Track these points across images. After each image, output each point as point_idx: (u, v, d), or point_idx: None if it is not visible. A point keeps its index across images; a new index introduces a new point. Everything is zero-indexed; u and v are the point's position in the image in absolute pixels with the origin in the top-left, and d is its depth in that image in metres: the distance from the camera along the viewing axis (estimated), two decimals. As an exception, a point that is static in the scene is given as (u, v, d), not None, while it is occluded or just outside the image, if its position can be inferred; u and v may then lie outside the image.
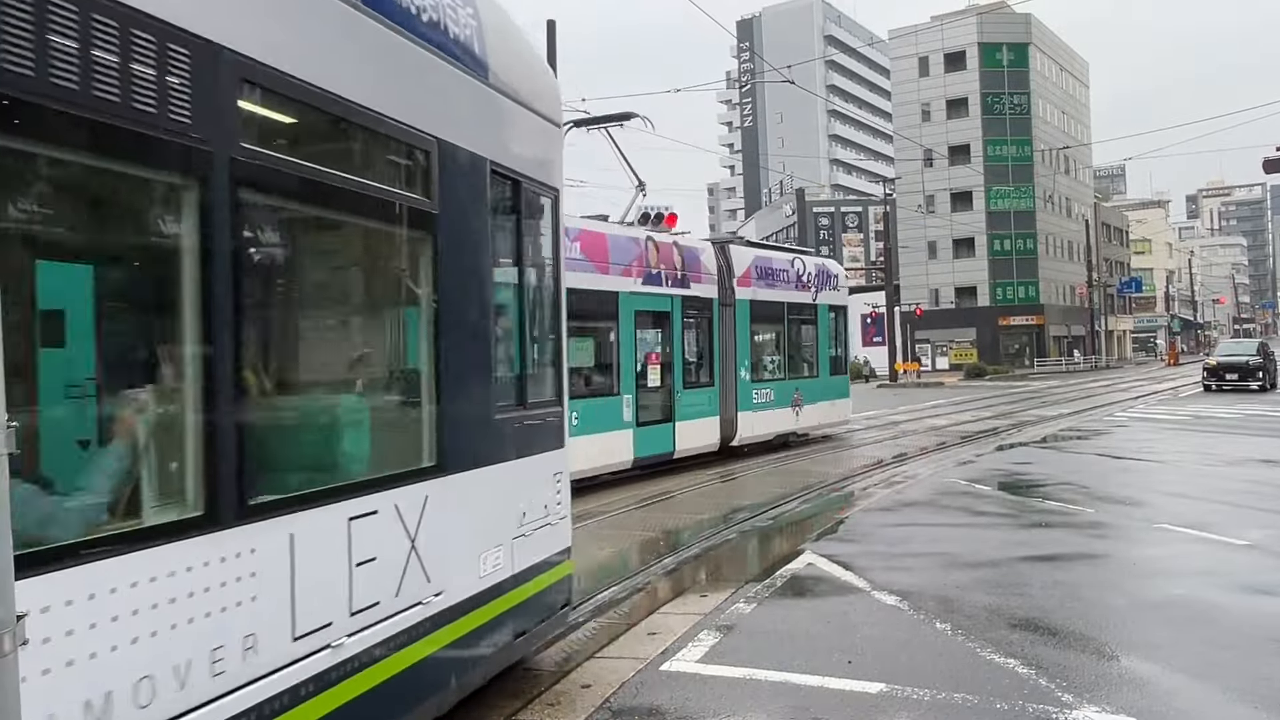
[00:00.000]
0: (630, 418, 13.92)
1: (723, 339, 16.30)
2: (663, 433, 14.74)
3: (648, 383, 14.49)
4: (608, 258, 13.70)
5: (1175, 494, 11.00)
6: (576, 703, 4.76)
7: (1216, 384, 30.21)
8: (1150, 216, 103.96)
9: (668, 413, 14.86)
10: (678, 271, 15.26)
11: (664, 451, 14.77)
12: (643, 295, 14.31)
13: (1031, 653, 5.26)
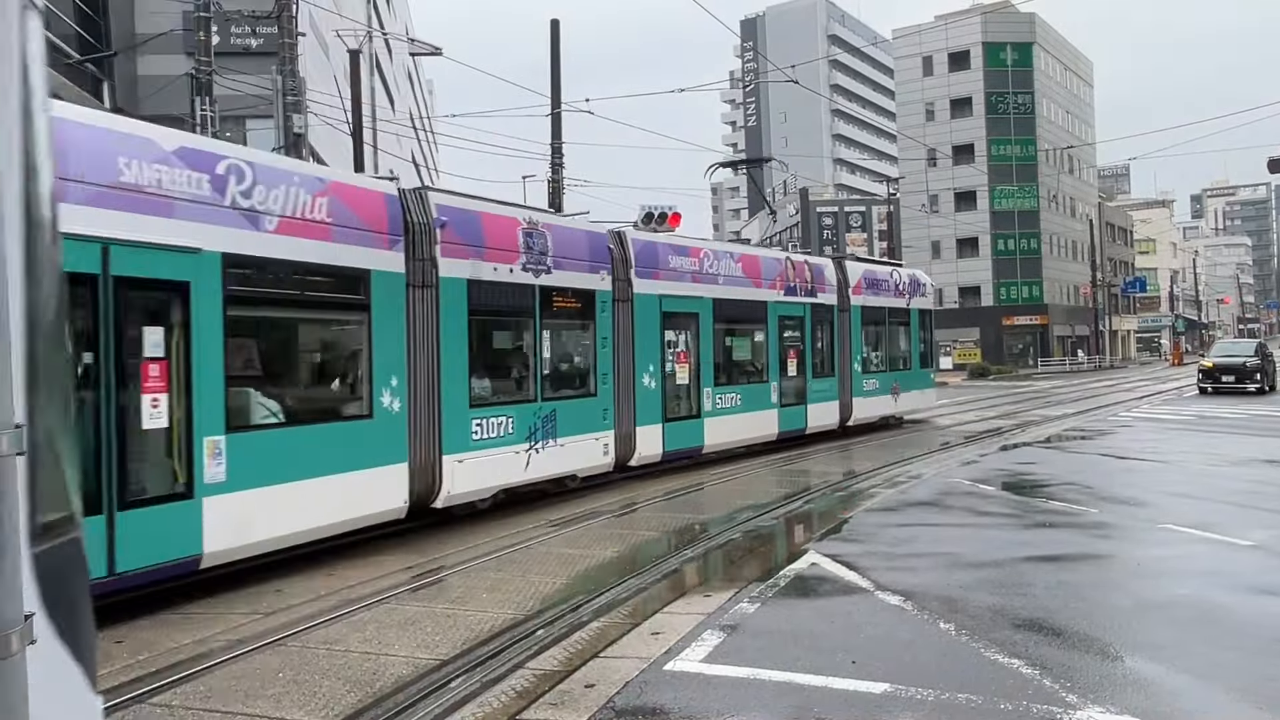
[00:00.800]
0: (776, 400, 17.02)
1: (841, 338, 19.26)
2: (799, 413, 17.78)
3: (788, 373, 17.42)
4: (760, 274, 16.87)
5: (1179, 494, 10.99)
6: (580, 702, 4.77)
7: (1212, 386, 29.29)
8: (1155, 216, 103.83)
9: (801, 397, 17.80)
10: (808, 284, 18.30)
11: (799, 428, 17.81)
12: (784, 303, 17.39)
13: (1036, 653, 5.25)
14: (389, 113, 48.72)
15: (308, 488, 8.46)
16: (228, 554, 7.78)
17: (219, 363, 7.66)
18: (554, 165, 27.12)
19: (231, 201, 7.88)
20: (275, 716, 4.89)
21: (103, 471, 6.71)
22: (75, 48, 25.12)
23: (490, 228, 11.14)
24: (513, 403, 11.33)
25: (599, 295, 12.91)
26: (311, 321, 9.49)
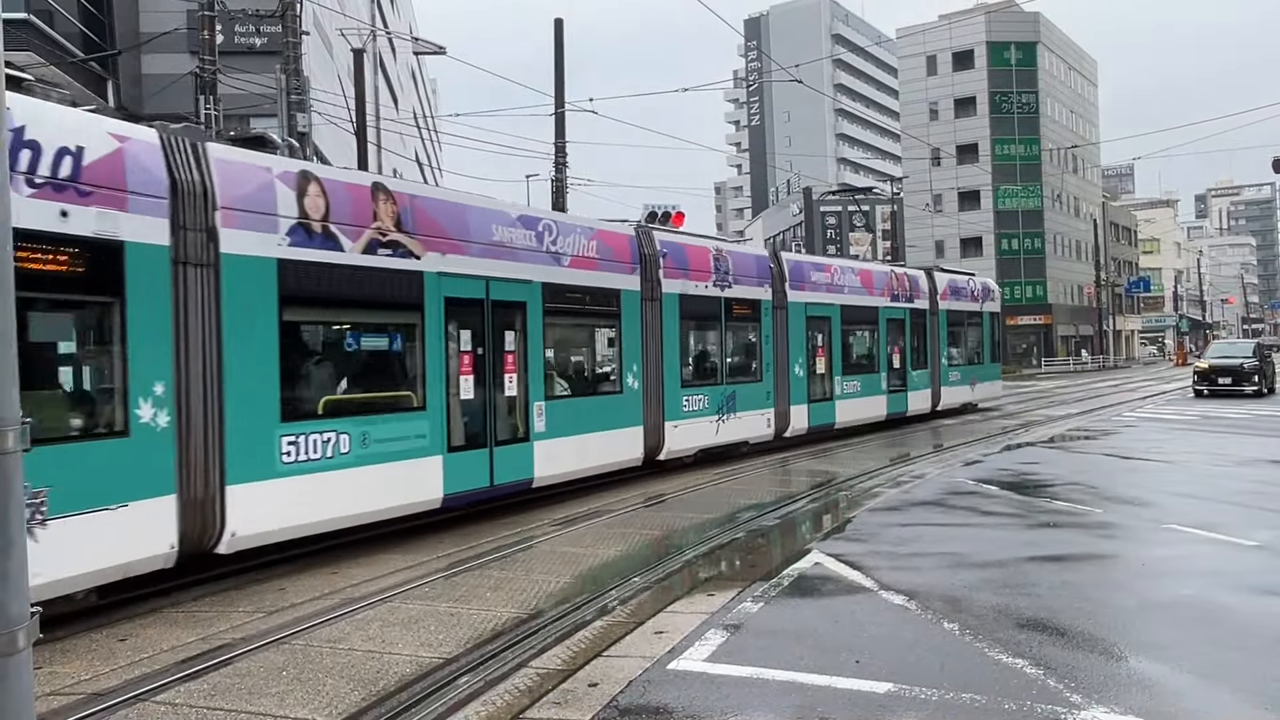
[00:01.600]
0: (884, 388, 20.51)
1: (932, 337, 22.62)
2: (902, 398, 21.29)
3: (893, 365, 20.86)
4: (873, 285, 20.26)
5: (1183, 494, 10.97)
6: (584, 701, 4.77)
7: (1208, 388, 27.86)
8: (1159, 216, 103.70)
9: (903, 385, 21.29)
10: (907, 292, 21.64)
11: (902, 410, 21.26)
12: (890, 308, 20.85)
13: (1040, 653, 5.25)
14: (393, 111, 48.74)
15: (586, 439, 12.25)
16: (543, 480, 11.56)
17: (540, 354, 11.57)
18: (557, 164, 27.12)
19: (545, 248, 11.76)
20: (279, 714, 4.90)
21: (486, 422, 10.74)
22: (80, 46, 25.16)
23: (692, 255, 14.84)
24: (707, 385, 15.06)
25: (763, 304, 16.50)
26: (586, 325, 13.23)
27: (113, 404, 7.15)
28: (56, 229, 6.69)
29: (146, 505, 7.17)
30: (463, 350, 10.53)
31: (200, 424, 7.66)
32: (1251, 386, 27.69)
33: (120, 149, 7.22)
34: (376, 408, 9.51)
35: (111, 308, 7.15)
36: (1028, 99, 69.84)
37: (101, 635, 6.55)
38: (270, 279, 8.36)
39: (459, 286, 10.34)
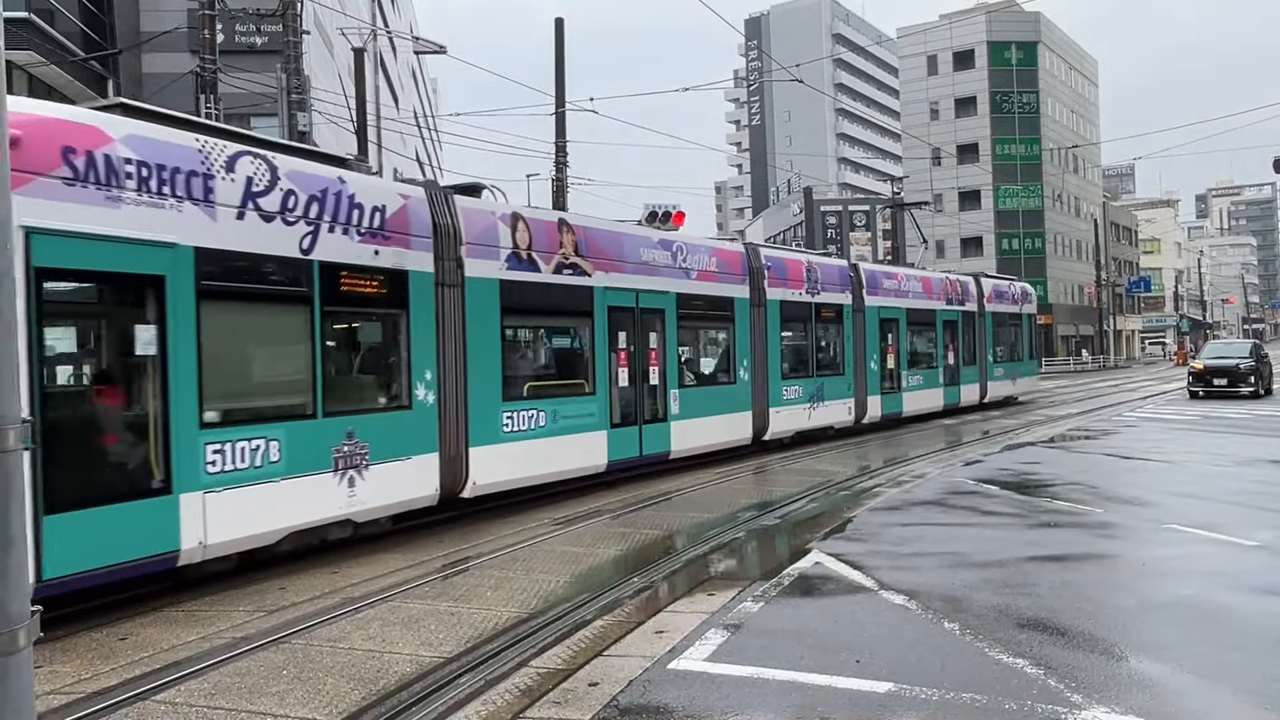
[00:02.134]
0: (941, 382, 23.36)
1: (980, 336, 25.39)
2: (955, 391, 24.07)
3: (948, 362, 23.67)
4: (931, 290, 23.17)
5: (1184, 494, 10.97)
6: (584, 700, 4.77)
7: (1204, 389, 27.07)
8: (1159, 216, 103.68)
9: (956, 380, 24.07)
10: (959, 296, 24.49)
11: (955, 402, 24.07)
12: (946, 311, 23.66)
13: (1040, 653, 5.25)
14: (393, 111, 48.71)
15: (709, 421, 14.92)
16: (677, 453, 14.24)
17: (675, 351, 14.28)
18: (558, 164, 27.11)
19: (678, 265, 14.41)
20: (279, 714, 4.90)
21: (637, 405, 13.37)
22: (80, 45, 25.16)
23: (789, 267, 17.61)
24: (801, 378, 17.70)
25: (845, 308, 19.10)
26: (708, 327, 15.87)
27: (403, 386, 9.84)
28: (371, 263, 9.37)
29: (421, 459, 9.90)
30: (620, 348, 13.18)
31: (453, 402, 10.39)
32: (1248, 388, 27.01)
33: (405, 205, 9.89)
34: (562, 392, 12.39)
35: (400, 317, 9.82)
36: (1028, 99, 69.84)
37: (102, 634, 6.55)
38: (494, 294, 11.06)
39: (617, 298, 13.10)
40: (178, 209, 7.53)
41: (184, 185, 7.59)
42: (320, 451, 8.67)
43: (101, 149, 7.06)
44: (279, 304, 8.72)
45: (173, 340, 7.38)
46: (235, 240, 7.98)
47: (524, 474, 11.37)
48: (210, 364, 7.67)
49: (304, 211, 8.68)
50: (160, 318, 7.34)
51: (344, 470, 8.87)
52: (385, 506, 9.41)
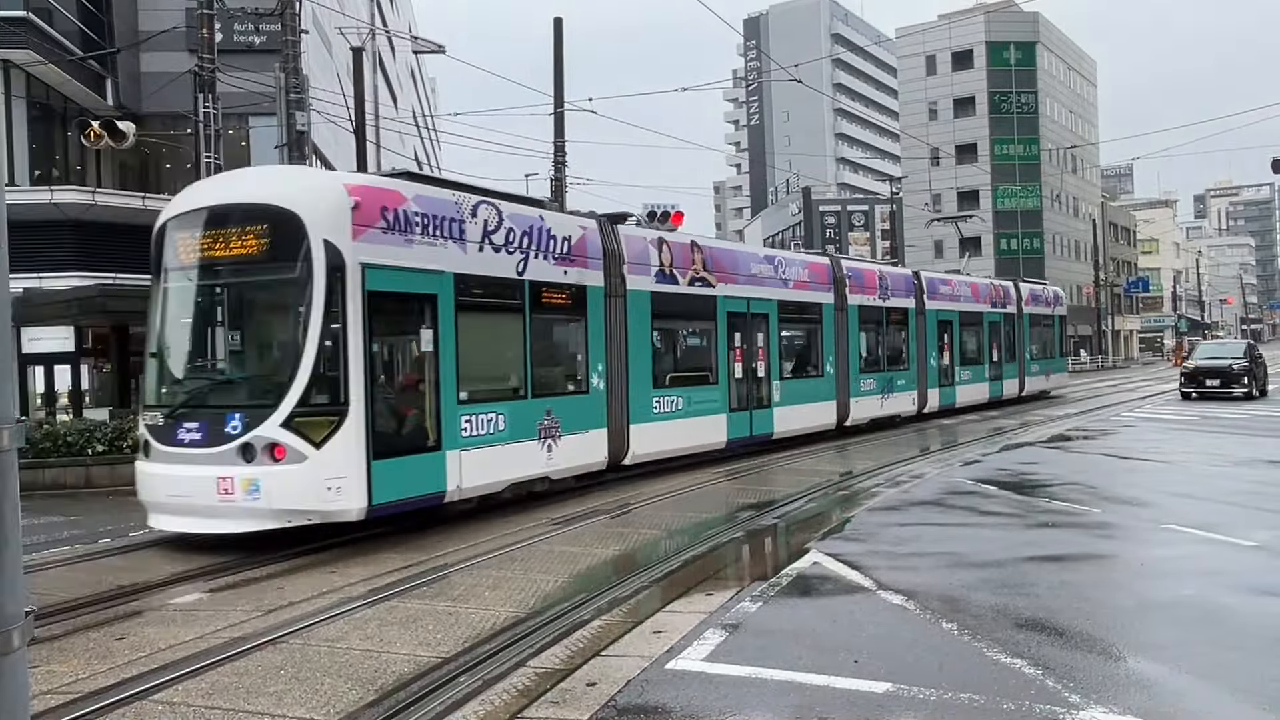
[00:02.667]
0: (988, 376, 26.29)
1: (1019, 336, 28.23)
2: (999, 385, 26.89)
3: (993, 359, 26.54)
4: (979, 295, 26.28)
5: (1182, 494, 10.97)
6: (582, 700, 4.76)
7: (1196, 391, 26.55)
8: (1158, 216, 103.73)
9: (998, 376, 26.78)
10: (1001, 299, 27.41)
11: (999, 395, 26.85)
12: (991, 313, 26.66)
13: (1038, 653, 5.24)
14: (392, 110, 48.69)
15: (802, 408, 17.77)
16: (779, 434, 17.01)
17: (776, 348, 17.03)
18: (556, 164, 27.11)
19: (778, 276, 17.39)
20: (277, 714, 4.89)
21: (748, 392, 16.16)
22: (78, 44, 25.12)
23: (866, 276, 20.57)
24: (875, 372, 20.56)
25: (910, 311, 22.23)
26: (801, 328, 18.51)
27: (584, 375, 12.73)
28: (562, 280, 12.26)
29: (595, 433, 12.77)
30: (735, 346, 16.02)
31: (618, 388, 13.23)
32: (1241, 389, 26.29)
33: (584, 234, 12.77)
34: (694, 381, 15.17)
35: (581, 321, 12.68)
36: (1027, 99, 69.87)
37: (99, 634, 6.54)
38: (647, 303, 13.95)
39: (734, 305, 15.95)
40: (444, 246, 10.37)
41: (447, 229, 10.44)
42: (530, 424, 11.54)
43: (401, 206, 9.92)
44: (503, 313, 11.50)
45: (441, 341, 10.18)
46: (477, 267, 10.87)
47: (667, 447, 14.39)
48: (463, 358, 10.41)
49: (519, 243, 11.55)
50: (434, 324, 10.13)
51: (545, 439, 11.75)
52: (571, 468, 12.32)
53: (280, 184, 10.01)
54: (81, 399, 24.99)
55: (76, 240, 24.28)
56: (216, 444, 9.00)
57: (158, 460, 9.46)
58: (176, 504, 9.26)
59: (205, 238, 9.75)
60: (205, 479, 8.95)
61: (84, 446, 15.92)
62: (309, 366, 9.00)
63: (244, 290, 10.02)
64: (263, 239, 9.40)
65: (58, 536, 11.05)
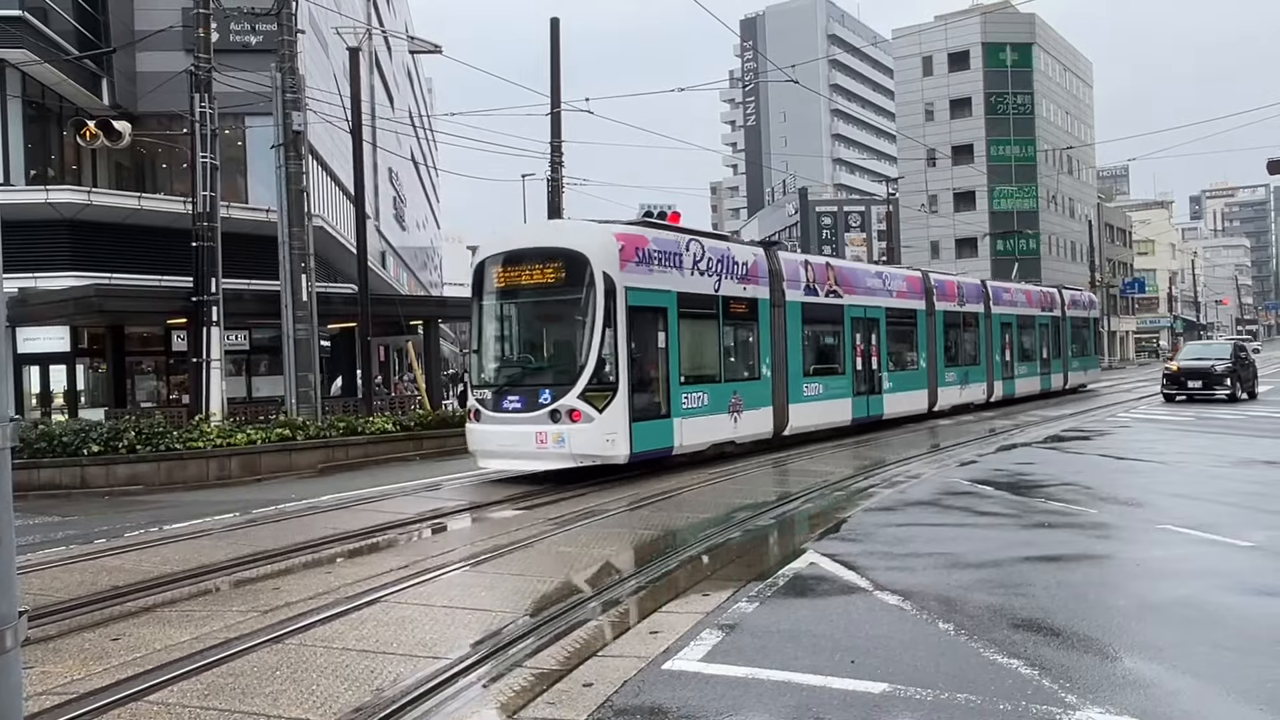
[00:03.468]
0: (1039, 372, 30.63)
1: (1062, 336, 32.89)
2: (1048, 379, 31.46)
3: (1043, 356, 31.12)
4: (1031, 300, 30.58)
5: (1178, 495, 10.98)
6: (578, 701, 4.75)
7: (1178, 393, 25.97)
8: (1154, 217, 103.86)
9: (1047, 370, 31.27)
10: (1049, 304, 31.96)
11: (1047, 388, 31.24)
12: (1040, 316, 31.06)
13: (1035, 653, 5.24)
14: (388, 110, 48.60)
15: (902, 394, 22.07)
16: (888, 415, 21.46)
17: (885, 346, 21.31)
18: (553, 164, 27.11)
19: (885, 288, 21.78)
20: (272, 714, 4.87)
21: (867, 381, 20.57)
22: (74, 44, 25.06)
23: (948, 287, 25.14)
24: (955, 366, 25.07)
25: (979, 315, 26.70)
26: (901, 330, 22.56)
27: (757, 366, 16.81)
28: (742, 295, 16.46)
29: (765, 409, 16.84)
30: (856, 344, 20.32)
31: (779, 376, 17.33)
32: (1224, 391, 25.52)
33: (756, 260, 17.05)
34: (828, 372, 19.40)
35: (754, 325, 16.83)
36: (1023, 100, 69.95)
37: (94, 634, 6.52)
38: (799, 311, 18.26)
39: (855, 312, 20.34)
40: (670, 272, 14.65)
41: (672, 260, 14.74)
42: (724, 401, 15.71)
43: (646, 246, 14.21)
44: (705, 319, 15.65)
45: (669, 339, 14.43)
46: (690, 287, 15.10)
47: (812, 423, 18.58)
48: (683, 353, 14.75)
49: (715, 268, 15.82)
50: (665, 328, 14.41)
51: (733, 413, 15.93)
52: (750, 435, 16.55)
53: (571, 234, 14.33)
54: (77, 399, 24.96)
55: (72, 240, 24.24)
56: (532, 410, 13.30)
57: (488, 422, 13.78)
58: (505, 451, 13.68)
59: (518, 271, 14.06)
60: (526, 434, 13.29)
61: (79, 447, 15.88)
62: (594, 357, 13.22)
63: (547, 306, 14.35)
64: (560, 272, 13.69)
65: (52, 537, 11.02)
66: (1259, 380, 29.04)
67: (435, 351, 30.43)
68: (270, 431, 17.56)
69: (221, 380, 18.64)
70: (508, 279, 14.13)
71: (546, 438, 13.10)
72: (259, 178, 27.93)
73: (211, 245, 18.43)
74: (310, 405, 19.35)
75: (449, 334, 66.04)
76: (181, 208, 22.23)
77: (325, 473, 17.38)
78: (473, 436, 14.15)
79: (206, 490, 15.58)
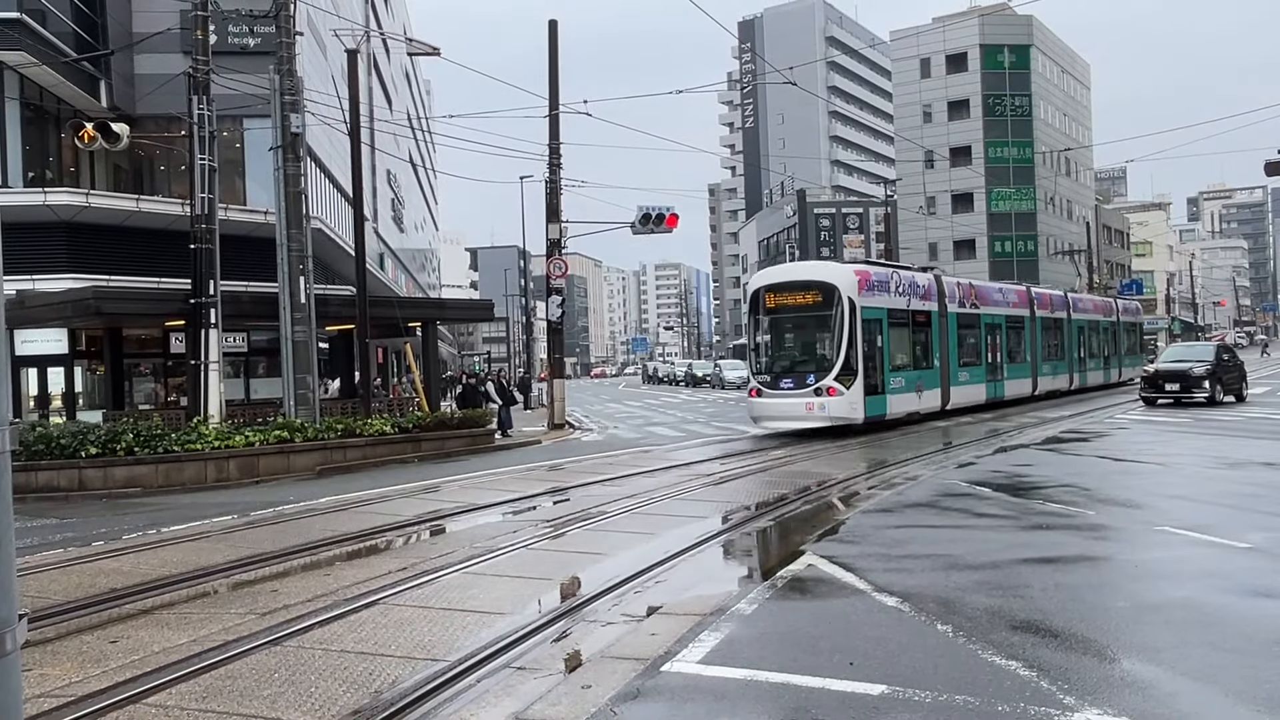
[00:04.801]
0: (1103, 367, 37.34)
1: (1119, 337, 39.46)
2: (1109, 374, 37.88)
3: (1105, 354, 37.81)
4: (1098, 308, 37.68)
5: (1176, 496, 10.99)
6: (577, 703, 4.75)
7: (1157, 395, 25.59)
8: (1151, 219, 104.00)
9: (1108, 366, 37.98)
10: (1109, 311, 38.78)
11: (1108, 380, 37.74)
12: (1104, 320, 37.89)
13: (1033, 655, 5.25)
14: (387, 112, 48.60)
15: (1016, 382, 28.94)
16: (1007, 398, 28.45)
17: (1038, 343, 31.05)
18: (551, 166, 27.10)
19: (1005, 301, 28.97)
20: (271, 716, 4.87)
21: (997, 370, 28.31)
22: (72, 46, 25.05)
23: (1045, 298, 31.99)
24: (1049, 360, 31.51)
25: (1063, 320, 33.15)
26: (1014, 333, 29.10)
27: (932, 359, 23.90)
28: (921, 308, 23.58)
29: (936, 390, 23.99)
30: (988, 344, 26.96)
31: (945, 366, 24.36)
32: (1202, 394, 24.79)
33: (930, 283, 24.51)
34: (971, 364, 25.71)
35: (929, 330, 23.82)
36: (1021, 102, 70.00)
37: (92, 637, 6.52)
38: (955, 319, 25.09)
39: (988, 319, 27.02)
40: (882, 295, 21.37)
41: (883, 286, 21.52)
42: (913, 384, 22.46)
43: (871, 278, 21.22)
44: (903, 327, 22.35)
45: (884, 340, 21.32)
46: (894, 304, 21.81)
47: (964, 401, 25.33)
48: (890, 350, 21.65)
49: (907, 290, 22.75)
50: (881, 333, 21.16)
51: (918, 392, 22.67)
52: (928, 409, 23.22)
53: (824, 270, 22.10)
54: (75, 401, 24.92)
55: (70, 242, 24.22)
56: (801, 389, 20.24)
57: (768, 398, 20.76)
58: (781, 415, 20.72)
59: (786, 296, 21.06)
60: (798, 404, 20.16)
61: (77, 449, 15.87)
62: (843, 353, 19.98)
63: (808, 320, 21.03)
64: (817, 296, 20.55)
65: (50, 539, 11.01)
66: (1248, 383, 28.31)
67: (434, 353, 30.42)
68: (268, 433, 17.56)
69: (219, 382, 18.63)
70: (778, 301, 21.13)
71: (814, 406, 20.02)
72: (257, 180, 27.92)
73: (210, 247, 18.42)
74: (309, 407, 19.33)
75: (447, 336, 65.99)
76: (180, 210, 22.22)
77: (324, 475, 17.38)
78: (754, 408, 21.39)
79: (205, 492, 15.57)
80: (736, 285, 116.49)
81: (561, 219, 27.40)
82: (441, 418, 21.72)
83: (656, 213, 27.89)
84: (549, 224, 27.25)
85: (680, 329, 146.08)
